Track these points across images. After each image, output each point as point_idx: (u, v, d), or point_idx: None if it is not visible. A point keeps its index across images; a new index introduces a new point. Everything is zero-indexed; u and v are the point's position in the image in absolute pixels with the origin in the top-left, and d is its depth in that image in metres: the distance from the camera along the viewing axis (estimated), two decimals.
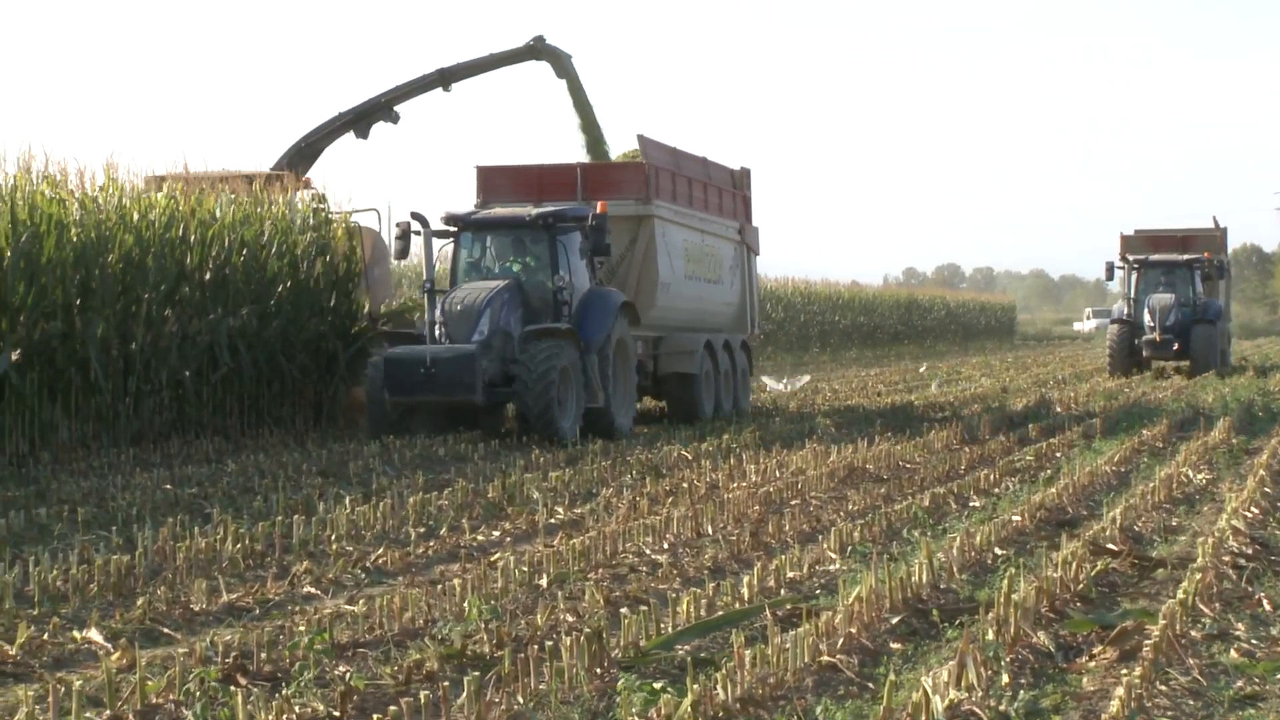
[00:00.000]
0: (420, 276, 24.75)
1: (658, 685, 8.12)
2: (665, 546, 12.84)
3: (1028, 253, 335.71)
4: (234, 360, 23.09)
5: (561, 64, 29.69)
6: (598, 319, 23.19)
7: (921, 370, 47.60)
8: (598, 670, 8.49)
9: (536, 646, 8.55)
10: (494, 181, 25.62)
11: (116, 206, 21.71)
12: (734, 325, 28.93)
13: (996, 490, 16.31)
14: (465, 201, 25.47)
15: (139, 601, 10.38)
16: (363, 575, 11.87)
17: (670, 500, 15.47)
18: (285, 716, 7.55)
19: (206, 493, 16.06)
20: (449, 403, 22.09)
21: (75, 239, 20.62)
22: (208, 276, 22.97)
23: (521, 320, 22.81)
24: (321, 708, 7.86)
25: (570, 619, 9.90)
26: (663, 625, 9.45)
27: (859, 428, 23.80)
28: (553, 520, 14.45)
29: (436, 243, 23.54)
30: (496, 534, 13.82)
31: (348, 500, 15.03)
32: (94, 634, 9.57)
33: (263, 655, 8.75)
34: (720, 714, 7.67)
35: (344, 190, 26.93)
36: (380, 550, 12.63)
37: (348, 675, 8.45)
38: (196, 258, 22.82)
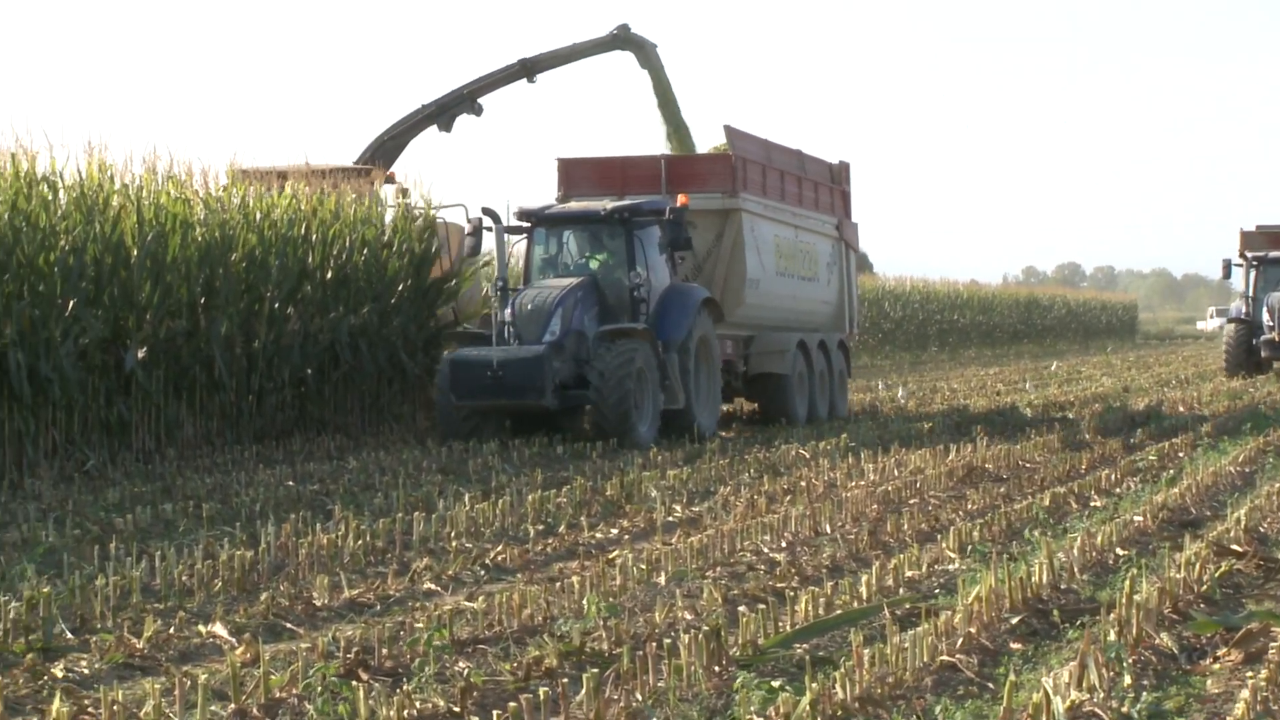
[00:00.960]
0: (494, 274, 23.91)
1: (776, 684, 8.12)
2: (783, 545, 12.82)
3: (1150, 251, 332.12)
4: (355, 358, 23.29)
5: (646, 54, 28.81)
6: (677, 317, 22.31)
7: (1053, 367, 47.17)
8: (715, 668, 8.49)
9: (654, 644, 8.56)
10: (575, 174, 24.84)
11: (240, 205, 21.96)
12: (831, 324, 28.00)
13: (1118, 490, 16.15)
14: (547, 195, 24.83)
15: (262, 597, 10.51)
16: (482, 572, 11.94)
17: (788, 499, 15.44)
18: (405, 712, 7.61)
19: (328, 489, 16.22)
20: (518, 407, 21.29)
21: (200, 238, 20.89)
22: (329, 275, 23.19)
23: (597, 319, 21.99)
24: (441, 703, 7.92)
25: (688, 617, 9.91)
26: (781, 624, 9.44)
27: (971, 428, 23.62)
28: (671, 518, 14.46)
29: (511, 239, 22.99)
30: (615, 532, 13.86)
31: (467, 497, 15.12)
32: (219, 628, 9.69)
33: (383, 651, 8.83)
34: (839, 713, 7.65)
35: (426, 185, 26.35)
36: (499, 547, 12.70)
37: (467, 671, 8.51)
38: (318, 256, 23.05)
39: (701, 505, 15.25)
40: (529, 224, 22.92)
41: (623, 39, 28.95)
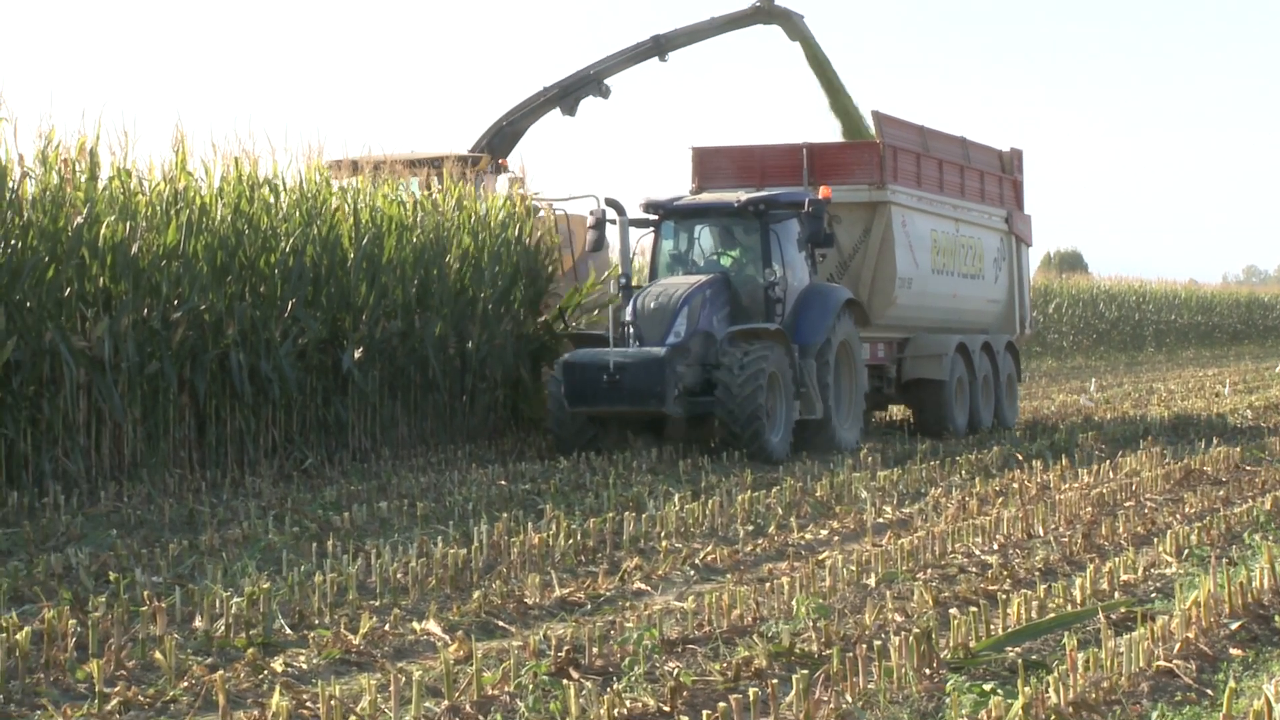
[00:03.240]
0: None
1: (987, 687, 8.04)
2: (995, 547, 12.68)
3: None
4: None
5: (794, 25, 26.96)
6: (816, 318, 20.61)
7: (1277, 369, 46.11)
8: (926, 671, 8.43)
9: (865, 646, 8.52)
10: (711, 164, 23.26)
11: (455, 207, 22.22)
12: (999, 325, 26.06)
13: None
14: (681, 187, 23.19)
15: (475, 595, 10.63)
16: (691, 572, 11.97)
17: (1000, 501, 15.27)
18: (615, 711, 7.65)
19: (539, 489, 16.36)
20: (638, 414, 19.69)
21: (415, 240, 21.19)
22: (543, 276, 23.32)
23: (727, 320, 20.29)
24: (651, 703, 7.95)
25: (899, 619, 9.85)
26: (992, 627, 9.34)
27: (1189, 430, 23.17)
28: (881, 520, 14.39)
29: (636, 233, 21.62)
30: (824, 533, 13.81)
31: (677, 498, 15.16)
32: (432, 625, 9.82)
33: (594, 650, 8.89)
34: (1051, 717, 7.56)
35: (545, 174, 25.31)
36: (709, 547, 12.72)
37: (677, 671, 8.53)
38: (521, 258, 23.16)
39: (912, 507, 15.15)
40: (655, 217, 21.44)
41: (765, 11, 27.25)
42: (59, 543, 13.11)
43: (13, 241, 16.10)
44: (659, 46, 27.31)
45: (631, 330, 19.96)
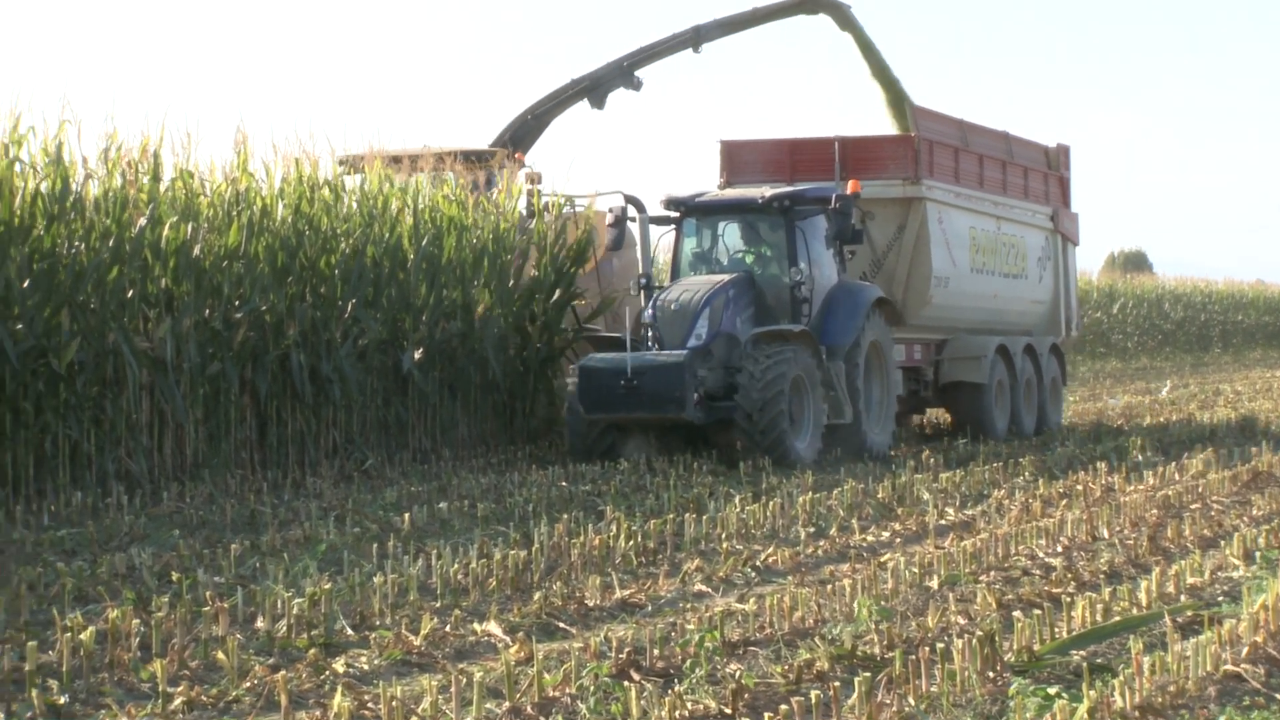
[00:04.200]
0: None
1: (1052, 690, 7.98)
2: (1059, 550, 12.59)
3: None
4: None
5: (843, 14, 25.65)
6: (844, 319, 19.82)
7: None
8: (990, 674, 8.37)
9: (927, 648, 8.47)
10: (740, 158, 22.48)
11: (513, 209, 22.21)
12: (1044, 326, 25.37)
13: None
14: (710, 182, 22.36)
15: (535, 596, 10.61)
16: (753, 574, 11.92)
17: (1064, 503, 15.17)
18: (677, 713, 7.62)
19: (599, 490, 16.34)
20: (657, 420, 18.94)
21: (474, 240, 21.20)
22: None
23: (752, 321, 19.45)
24: (713, 705, 7.92)
25: (961, 621, 9.78)
26: (1057, 630, 9.26)
27: (1256, 431, 22.97)
28: (943, 521, 14.31)
29: (658, 231, 20.88)
30: (886, 535, 13.74)
31: (738, 499, 15.12)
32: (493, 627, 9.81)
33: (655, 652, 8.85)
34: None
35: (561, 170, 23.25)
36: (770, 549, 12.67)
37: (738, 673, 8.50)
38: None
39: (975, 509, 15.06)
40: (677, 214, 20.54)
41: (812, 0, 26.02)
42: (122, 543, 13.18)
43: (76, 243, 16.20)
44: (699, 36, 25.95)
45: (652, 333, 19.24)
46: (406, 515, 14.22)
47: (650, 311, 19.36)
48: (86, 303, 16.14)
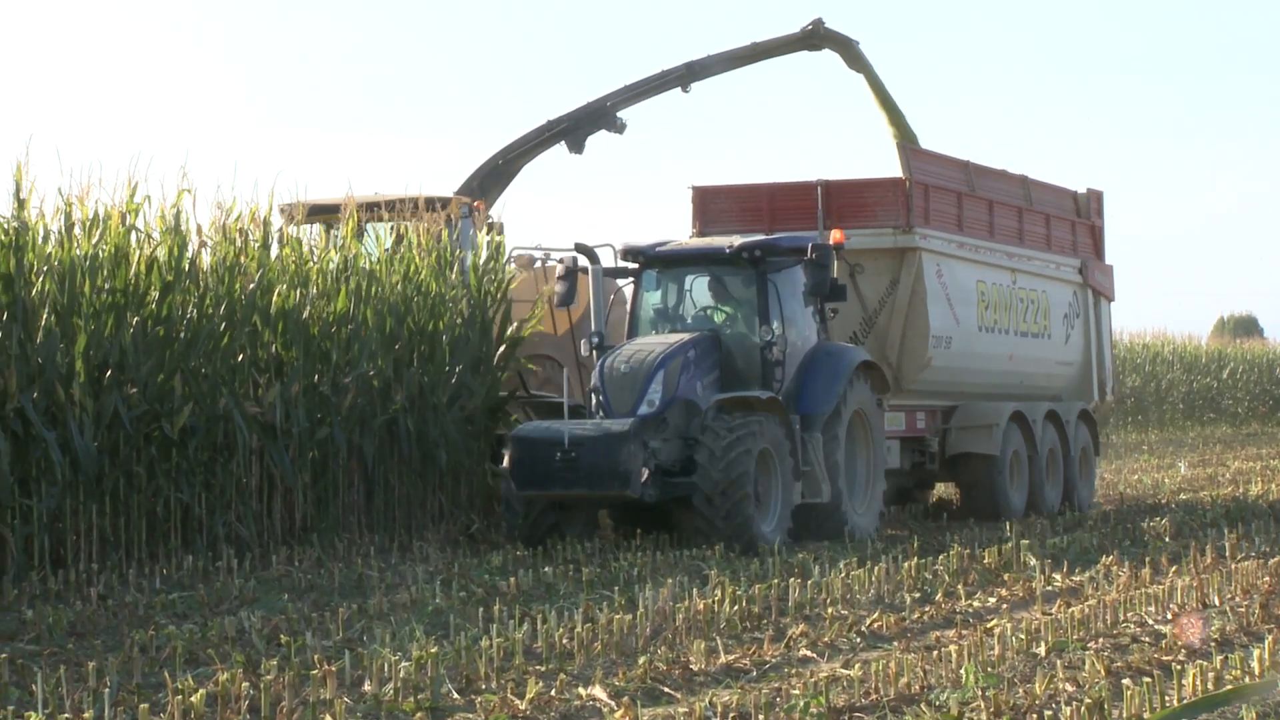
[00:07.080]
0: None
1: None
2: (1169, 617, 12.46)
3: None
4: None
5: (851, 51, 24.19)
6: (823, 385, 17.75)
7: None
8: None
9: (1035, 716, 8.41)
10: (713, 205, 20.50)
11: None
12: (1074, 390, 23.17)
13: None
14: (683, 231, 20.39)
15: (640, 660, 10.62)
16: (858, 639, 11.87)
17: (1174, 569, 15.01)
18: None
19: (704, 555, 16.32)
20: (598, 498, 17.07)
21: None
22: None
23: (716, 386, 17.50)
24: None
25: (1070, 689, 9.70)
26: (1167, 698, 9.17)
27: None
28: (1050, 587, 14.19)
29: (618, 283, 19.08)
30: (992, 600, 13.64)
31: (843, 564, 15.06)
32: (598, 691, 9.82)
33: (760, 717, 8.84)
34: None
35: (522, 223, 21.94)
36: (875, 614, 12.61)
37: None
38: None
39: (1082, 574, 14.93)
40: (635, 265, 18.53)
41: (819, 35, 24.33)
42: (232, 606, 13.31)
43: (190, 309, 16.45)
44: (692, 74, 24.32)
45: (597, 398, 17.34)
46: (512, 579, 14.27)
47: (597, 374, 17.45)
48: (199, 368, 16.36)
